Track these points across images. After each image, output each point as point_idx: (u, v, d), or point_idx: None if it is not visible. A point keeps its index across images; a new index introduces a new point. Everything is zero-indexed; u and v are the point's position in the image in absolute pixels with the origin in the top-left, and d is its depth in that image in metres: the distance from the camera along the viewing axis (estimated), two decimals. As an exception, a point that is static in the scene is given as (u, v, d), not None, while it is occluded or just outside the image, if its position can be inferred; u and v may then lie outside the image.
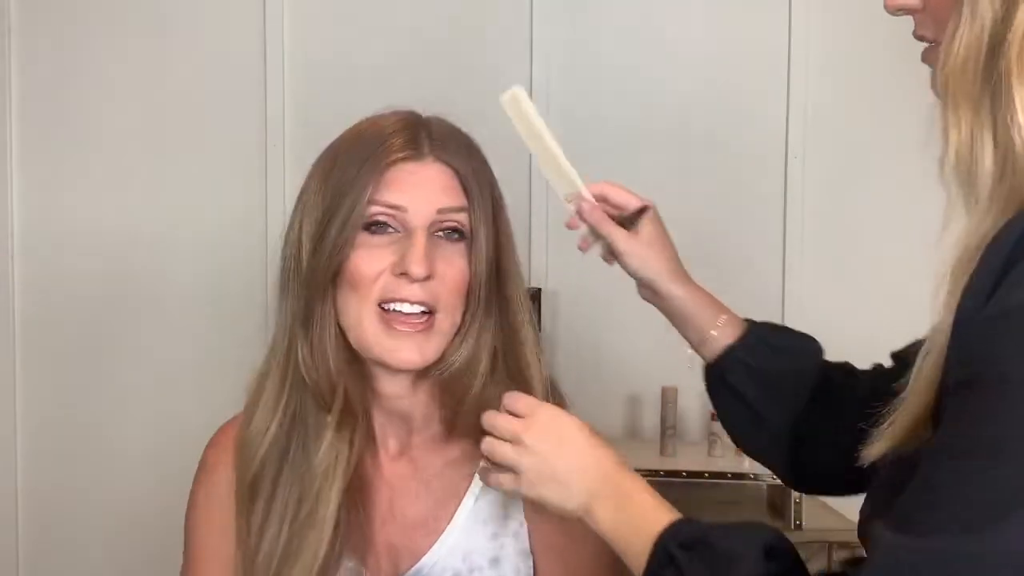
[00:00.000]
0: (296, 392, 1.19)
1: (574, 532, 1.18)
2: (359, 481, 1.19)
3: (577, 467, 1.03)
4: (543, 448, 1.04)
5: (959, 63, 0.82)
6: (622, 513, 1.00)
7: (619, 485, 1.01)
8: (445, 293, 1.13)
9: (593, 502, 1.01)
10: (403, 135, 1.15)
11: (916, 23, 0.92)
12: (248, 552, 1.19)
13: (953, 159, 0.83)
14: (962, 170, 0.82)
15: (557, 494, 1.03)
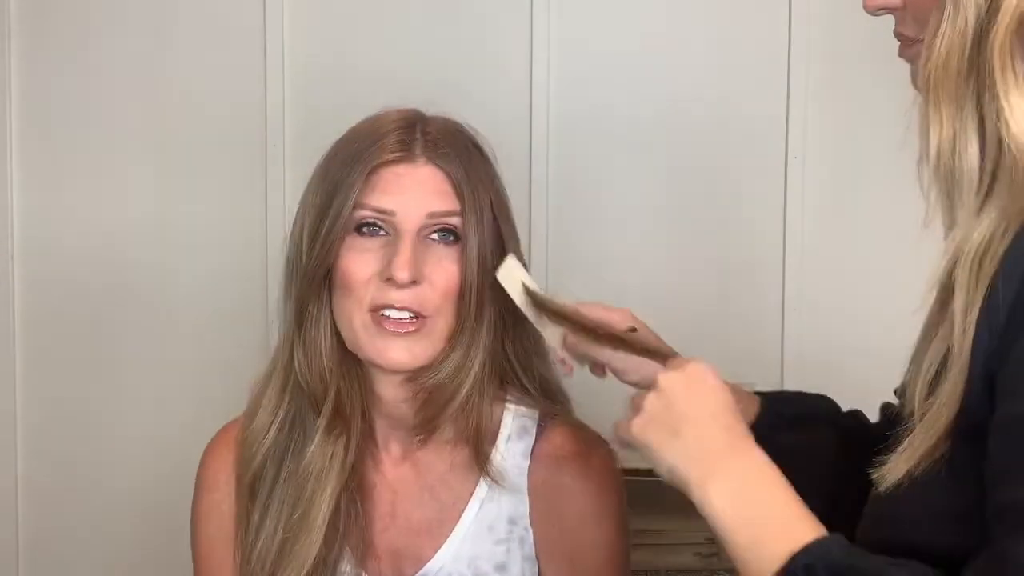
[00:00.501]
0: (296, 393, 1.18)
1: (583, 539, 1.18)
2: (360, 484, 1.18)
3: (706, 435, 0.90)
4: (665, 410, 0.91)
5: (942, 60, 0.81)
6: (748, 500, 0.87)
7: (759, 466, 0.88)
8: (435, 297, 1.12)
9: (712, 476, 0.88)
10: (396, 135, 1.14)
11: (897, 21, 0.91)
12: (244, 552, 1.19)
13: (935, 158, 0.82)
14: (944, 169, 0.82)
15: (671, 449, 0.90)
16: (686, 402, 0.92)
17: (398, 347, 1.12)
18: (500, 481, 1.17)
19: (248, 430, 1.21)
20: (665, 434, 0.91)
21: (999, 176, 0.80)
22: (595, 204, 2.07)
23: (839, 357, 1.97)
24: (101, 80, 2.20)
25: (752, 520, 0.85)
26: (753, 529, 0.85)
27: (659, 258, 2.07)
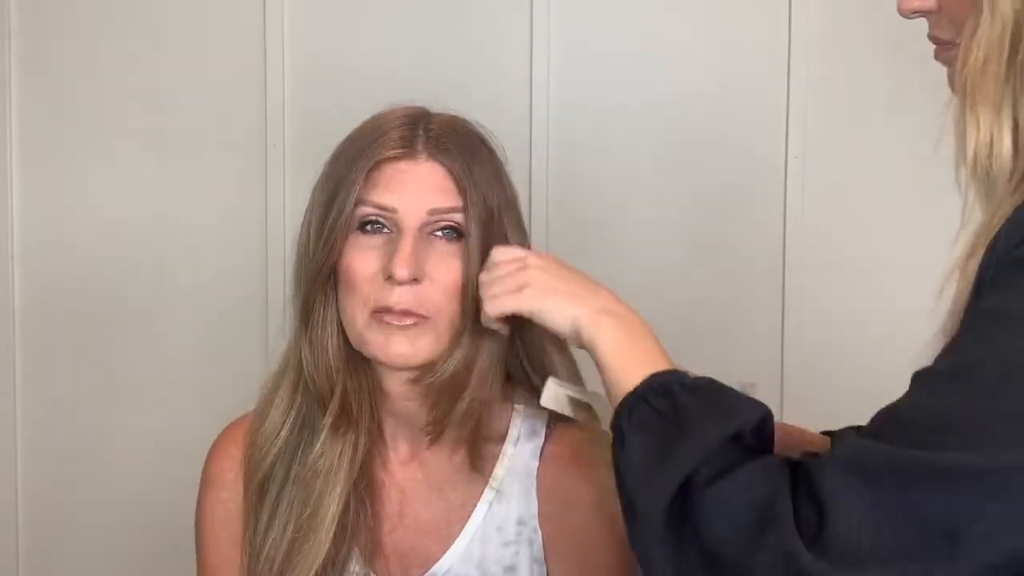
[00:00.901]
0: (305, 393, 1.18)
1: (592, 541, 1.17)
2: (368, 484, 1.18)
3: (584, 283, 1.03)
4: (550, 264, 1.04)
5: (979, 64, 0.83)
6: (625, 333, 0.98)
7: (627, 313, 1.01)
8: (436, 296, 1.12)
9: (599, 316, 0.99)
10: (399, 132, 1.13)
11: (931, 24, 0.93)
12: (253, 552, 1.18)
13: (972, 160, 0.83)
14: (981, 171, 0.83)
15: (563, 303, 1.01)
16: (562, 268, 1.05)
17: (400, 340, 1.11)
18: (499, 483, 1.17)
19: (259, 430, 1.20)
20: (559, 294, 1.02)
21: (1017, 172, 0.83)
22: (595, 204, 2.07)
23: (839, 357, 1.98)
24: (101, 80, 2.20)
25: (628, 344, 0.97)
26: (629, 361, 0.96)
27: (659, 257, 2.07)
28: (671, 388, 0.91)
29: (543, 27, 2.11)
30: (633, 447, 0.89)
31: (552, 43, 2.11)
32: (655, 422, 0.89)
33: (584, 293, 1.02)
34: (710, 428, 0.86)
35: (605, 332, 0.99)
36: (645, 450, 0.88)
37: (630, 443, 0.90)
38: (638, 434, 0.90)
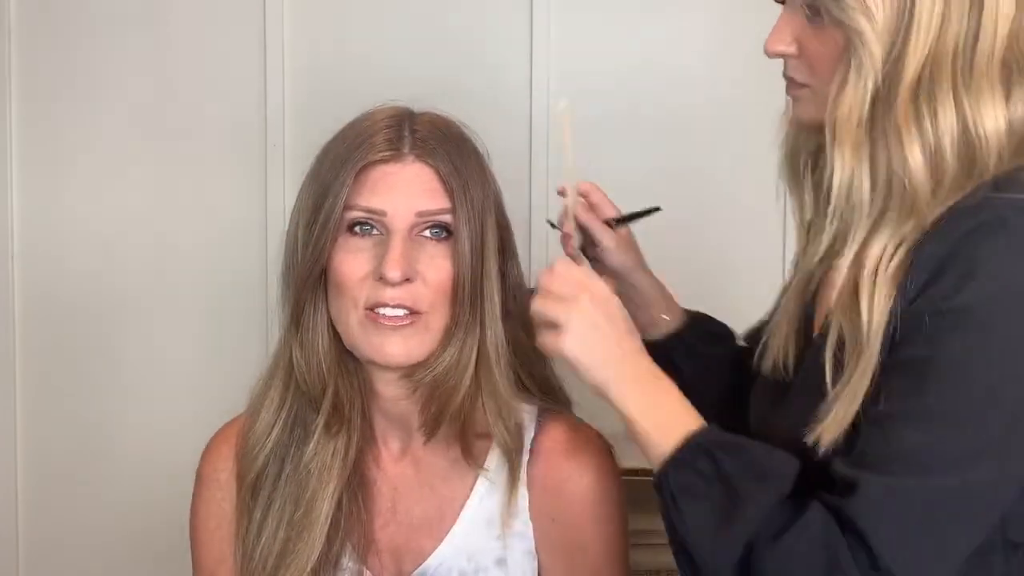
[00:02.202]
0: (297, 393, 1.19)
1: (583, 533, 1.18)
2: (360, 482, 1.19)
3: (619, 344, 1.08)
4: (594, 314, 1.07)
5: (845, 113, 0.99)
6: (652, 398, 1.06)
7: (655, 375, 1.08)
8: (428, 294, 1.13)
9: (626, 382, 1.06)
10: (385, 134, 1.14)
11: (789, 67, 1.07)
12: (246, 551, 1.19)
13: (837, 189, 1.00)
14: (842, 199, 1.00)
15: (595, 359, 1.06)
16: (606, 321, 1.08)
17: (394, 342, 1.12)
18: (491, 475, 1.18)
19: (251, 431, 1.21)
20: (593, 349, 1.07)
21: (890, 206, 0.98)
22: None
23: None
24: (101, 80, 2.20)
25: (657, 411, 1.05)
26: (658, 421, 1.04)
27: (659, 256, 2.06)
28: (710, 451, 1.01)
29: (543, 27, 2.11)
30: (689, 511, 0.99)
31: (552, 43, 2.12)
32: (701, 485, 0.99)
33: (614, 359, 1.07)
34: (763, 491, 0.97)
35: (631, 400, 1.06)
36: (703, 513, 0.98)
37: (685, 507, 0.99)
38: (690, 497, 0.99)
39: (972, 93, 0.98)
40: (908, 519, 0.93)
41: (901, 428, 0.95)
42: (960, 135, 0.98)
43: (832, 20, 1.00)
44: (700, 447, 1.01)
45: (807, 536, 0.94)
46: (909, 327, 0.96)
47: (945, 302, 0.94)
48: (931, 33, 0.97)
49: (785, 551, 0.95)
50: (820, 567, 0.94)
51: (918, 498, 0.93)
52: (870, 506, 0.93)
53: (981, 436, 0.93)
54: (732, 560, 0.96)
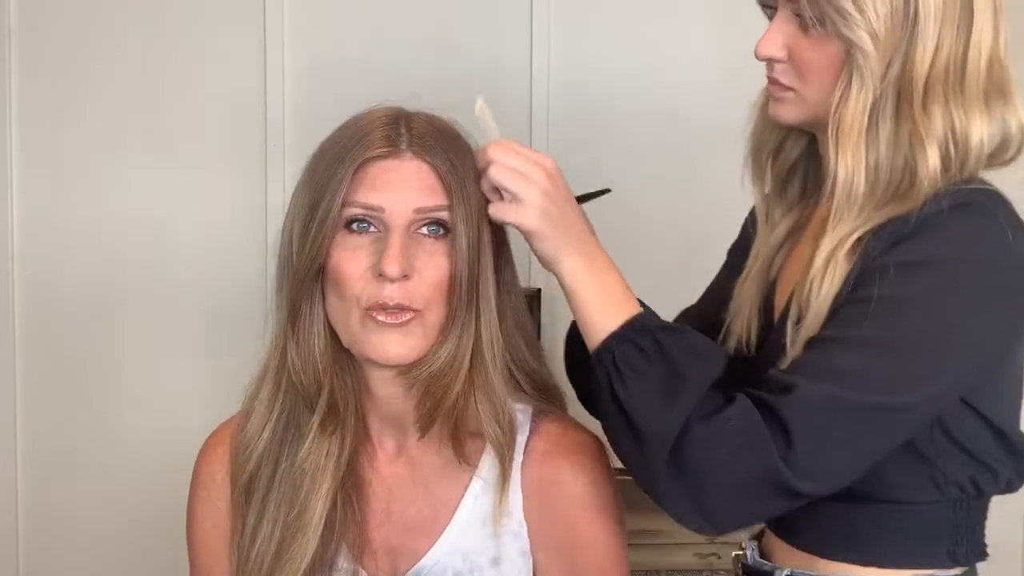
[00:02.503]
0: (290, 393, 1.19)
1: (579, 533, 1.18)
2: (355, 482, 1.19)
3: (575, 220, 1.15)
4: (553, 189, 1.13)
5: (847, 120, 1.09)
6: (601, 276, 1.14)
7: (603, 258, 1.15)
8: (426, 291, 1.13)
9: (579, 256, 1.13)
10: (382, 132, 1.14)
11: (776, 70, 1.16)
12: (241, 552, 1.19)
13: (840, 189, 1.10)
14: (843, 196, 1.10)
15: (554, 231, 1.13)
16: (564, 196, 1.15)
17: (393, 340, 1.13)
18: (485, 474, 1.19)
19: (243, 431, 1.21)
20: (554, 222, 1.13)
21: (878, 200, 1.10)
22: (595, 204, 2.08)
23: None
24: (101, 80, 2.20)
25: (603, 289, 1.13)
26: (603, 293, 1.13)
27: (659, 257, 2.07)
28: (651, 331, 1.11)
29: (543, 27, 2.11)
30: (635, 384, 1.09)
31: (552, 43, 2.12)
32: (645, 361, 1.10)
33: (572, 234, 1.14)
34: (701, 372, 1.09)
35: (581, 275, 1.13)
36: (649, 388, 1.09)
37: (630, 380, 1.09)
38: (634, 372, 1.09)
39: (962, 108, 1.10)
40: (830, 423, 1.05)
41: (840, 351, 1.07)
42: (948, 144, 1.10)
43: (835, 33, 1.09)
44: (644, 326, 1.11)
45: (737, 416, 1.06)
46: (865, 278, 1.08)
47: (904, 256, 1.07)
48: (928, 53, 1.08)
49: (716, 428, 1.06)
50: (745, 444, 1.05)
51: (842, 407, 1.05)
52: (800, 405, 1.05)
53: (906, 369, 1.06)
54: (673, 434, 1.06)
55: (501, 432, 1.17)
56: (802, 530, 1.19)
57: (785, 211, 1.26)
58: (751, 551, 1.28)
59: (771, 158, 1.25)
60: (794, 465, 1.04)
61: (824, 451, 1.06)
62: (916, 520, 1.15)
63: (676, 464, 1.06)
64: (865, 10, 1.07)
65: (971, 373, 1.10)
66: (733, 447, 1.06)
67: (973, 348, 1.09)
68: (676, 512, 1.09)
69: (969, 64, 1.10)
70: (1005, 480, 1.16)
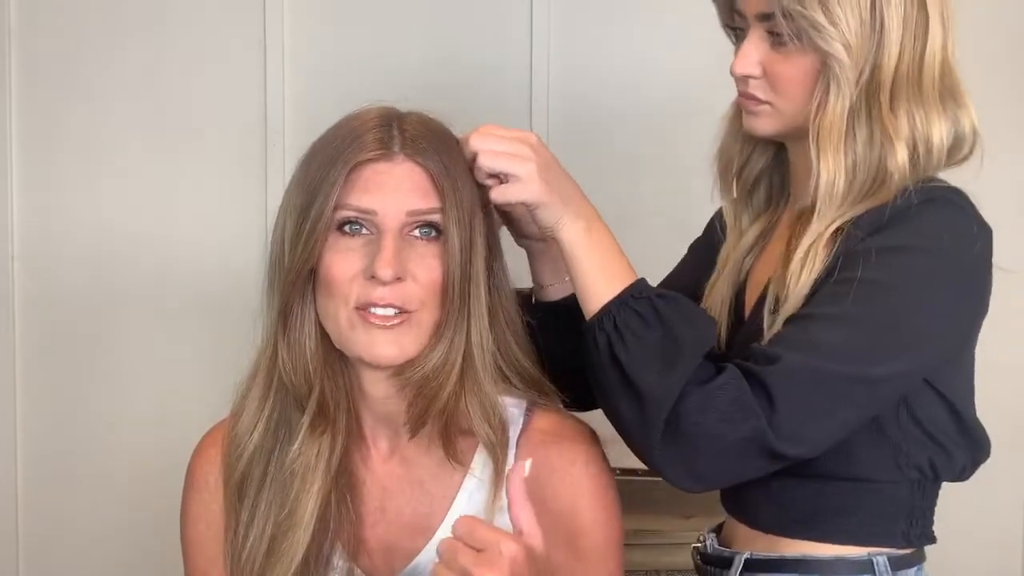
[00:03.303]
0: (281, 393, 1.19)
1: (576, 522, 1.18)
2: (349, 481, 1.19)
3: (571, 188, 1.20)
4: (545, 159, 1.18)
5: (827, 126, 1.17)
6: (599, 243, 1.19)
7: (600, 224, 1.21)
8: (419, 293, 1.13)
9: (579, 221, 1.18)
10: (375, 134, 1.14)
11: (751, 86, 1.23)
12: (234, 552, 1.19)
13: (823, 189, 1.18)
14: (826, 196, 1.18)
15: (554, 199, 1.17)
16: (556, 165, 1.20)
17: (385, 341, 1.13)
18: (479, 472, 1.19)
19: (233, 432, 1.21)
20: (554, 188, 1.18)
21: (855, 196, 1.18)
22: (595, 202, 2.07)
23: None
24: (101, 80, 2.20)
25: (602, 256, 1.19)
26: (602, 259, 1.18)
27: (660, 259, 2.06)
28: (650, 297, 1.16)
29: (543, 27, 2.11)
30: (636, 348, 1.14)
31: (552, 44, 2.12)
32: (644, 327, 1.15)
33: (572, 200, 1.19)
34: (697, 341, 1.15)
35: (581, 240, 1.18)
36: (649, 352, 1.14)
37: (632, 343, 1.14)
38: (635, 336, 1.14)
39: (922, 109, 1.19)
40: (811, 391, 1.13)
41: (821, 326, 1.15)
42: (915, 142, 1.19)
43: (811, 46, 1.17)
44: (642, 293, 1.17)
45: (728, 384, 1.13)
46: (846, 263, 1.15)
47: (881, 243, 1.15)
48: (892, 59, 1.17)
49: (709, 394, 1.12)
50: (735, 410, 1.12)
51: (822, 378, 1.13)
52: (784, 375, 1.12)
53: (881, 344, 1.14)
54: (672, 398, 1.11)
55: (492, 432, 1.17)
56: (764, 511, 1.26)
57: (752, 218, 1.35)
58: (710, 541, 1.34)
59: (737, 169, 1.36)
60: (778, 429, 1.11)
61: (805, 418, 1.13)
62: (876, 498, 1.22)
63: (671, 427, 1.12)
64: (838, 23, 1.15)
65: (938, 352, 1.19)
66: (724, 413, 1.12)
67: (941, 329, 1.18)
68: (666, 472, 1.15)
69: (925, 69, 1.19)
70: (960, 466, 1.24)
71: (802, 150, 1.25)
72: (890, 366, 1.15)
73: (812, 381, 1.13)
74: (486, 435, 1.16)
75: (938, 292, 1.16)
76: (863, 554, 1.22)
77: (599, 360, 1.16)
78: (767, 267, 1.29)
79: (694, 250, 1.50)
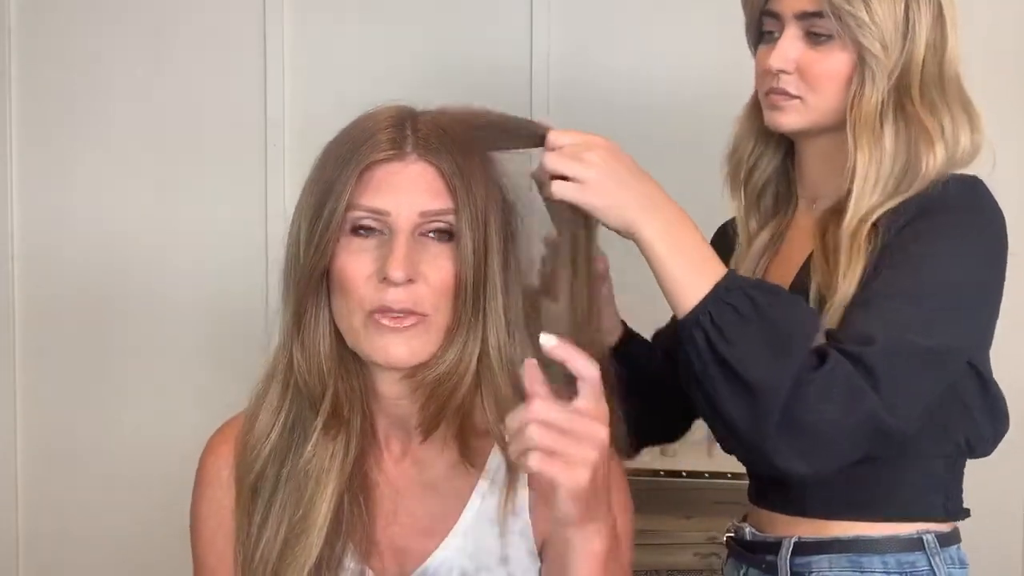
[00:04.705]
0: (297, 394, 1.18)
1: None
2: (363, 483, 1.18)
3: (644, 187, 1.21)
4: (614, 163, 1.19)
5: (864, 117, 1.25)
6: (682, 240, 1.19)
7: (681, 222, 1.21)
8: (431, 295, 1.12)
9: (655, 223, 1.19)
10: (387, 134, 1.13)
11: (784, 81, 1.28)
12: (247, 553, 1.19)
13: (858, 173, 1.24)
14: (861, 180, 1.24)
15: (621, 201, 1.18)
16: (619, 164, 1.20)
17: (397, 343, 1.12)
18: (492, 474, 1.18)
19: (250, 432, 1.20)
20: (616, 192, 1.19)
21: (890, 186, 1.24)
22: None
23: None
24: (101, 80, 2.20)
25: (686, 254, 1.19)
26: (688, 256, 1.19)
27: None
28: (745, 289, 1.17)
29: (543, 27, 2.11)
30: (741, 340, 1.15)
31: (552, 42, 2.12)
32: (739, 319, 1.15)
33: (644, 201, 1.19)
34: (803, 327, 1.17)
35: (662, 240, 1.18)
36: (756, 343, 1.15)
37: (735, 337, 1.15)
38: (738, 329, 1.15)
39: (948, 112, 1.27)
40: (911, 367, 1.17)
41: (898, 304, 1.19)
42: (947, 139, 1.26)
43: (851, 40, 1.25)
44: (735, 285, 1.18)
45: (838, 368, 1.15)
46: (894, 246, 1.21)
47: (928, 222, 1.22)
48: (918, 64, 1.26)
49: (825, 380, 1.14)
50: (849, 393, 1.15)
51: (918, 352, 1.18)
52: (884, 353, 1.16)
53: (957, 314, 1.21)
54: (786, 387, 1.13)
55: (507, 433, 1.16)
56: (812, 497, 1.29)
57: (761, 224, 1.40)
58: (749, 528, 1.36)
59: (747, 170, 1.41)
60: (887, 407, 1.15)
61: (908, 394, 1.18)
62: (918, 475, 1.29)
63: (788, 415, 1.14)
64: (877, 21, 1.24)
65: (993, 320, 1.27)
66: (840, 397, 1.14)
67: (994, 298, 1.26)
68: (778, 460, 1.16)
69: (945, 73, 1.28)
70: (988, 439, 1.31)
71: (818, 149, 1.32)
72: (966, 333, 1.23)
73: (910, 356, 1.17)
74: (501, 434, 1.16)
75: (988, 264, 1.24)
76: (912, 532, 1.28)
77: (700, 359, 1.17)
78: (783, 270, 1.34)
79: None
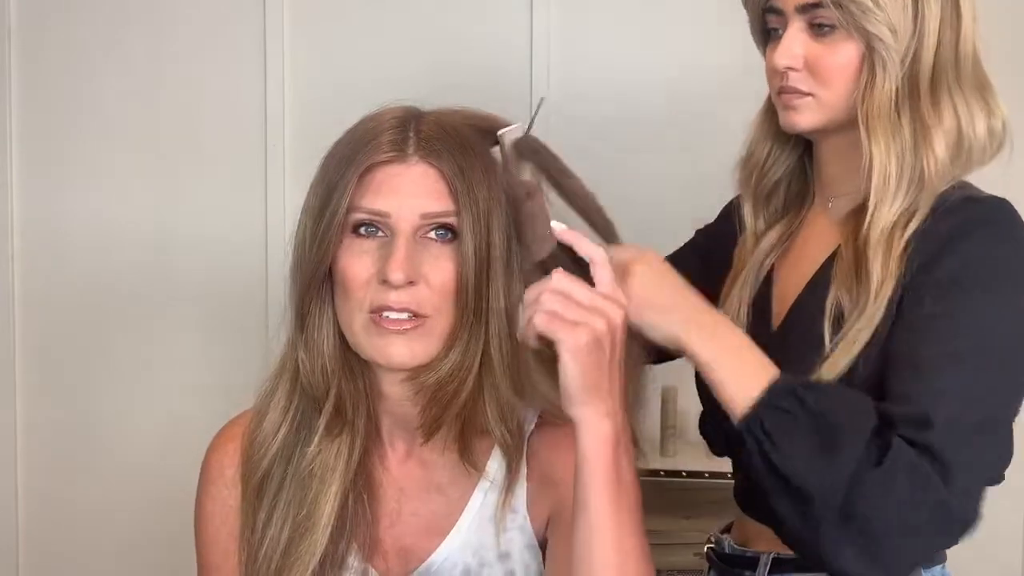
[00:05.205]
0: (303, 394, 1.18)
1: None
2: (367, 482, 1.19)
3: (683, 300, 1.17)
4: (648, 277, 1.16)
5: (875, 108, 1.19)
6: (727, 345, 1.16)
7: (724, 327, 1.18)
8: (432, 297, 1.12)
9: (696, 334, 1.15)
10: (390, 135, 1.13)
11: (793, 79, 1.23)
12: (250, 551, 1.19)
13: (875, 168, 1.19)
14: (879, 176, 1.19)
15: (660, 323, 1.16)
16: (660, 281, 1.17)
17: (398, 345, 1.12)
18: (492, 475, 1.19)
19: (257, 431, 1.20)
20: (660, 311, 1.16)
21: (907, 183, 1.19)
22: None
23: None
24: (101, 80, 2.20)
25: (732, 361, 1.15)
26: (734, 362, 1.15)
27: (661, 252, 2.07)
28: (794, 391, 1.13)
29: (543, 27, 2.11)
30: (791, 447, 1.11)
31: (552, 43, 2.12)
32: (794, 423, 1.11)
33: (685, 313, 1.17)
34: (856, 423, 1.11)
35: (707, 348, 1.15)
36: (806, 447, 1.10)
37: (784, 444, 1.11)
38: (787, 435, 1.11)
39: (964, 100, 1.21)
40: (976, 443, 1.12)
41: (942, 374, 1.12)
42: (958, 134, 1.20)
43: (858, 31, 1.19)
44: (784, 388, 1.13)
45: (902, 462, 1.09)
46: (912, 297, 1.16)
47: (947, 273, 1.15)
48: (931, 49, 1.20)
49: (888, 474, 1.08)
50: (916, 485, 1.08)
51: (980, 425, 1.12)
52: (947, 434, 1.09)
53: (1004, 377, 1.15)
54: (842, 487, 1.08)
55: (509, 435, 1.16)
56: None
57: (768, 224, 1.35)
58: (727, 541, 1.33)
59: (758, 174, 1.36)
60: (957, 495, 1.10)
61: (976, 472, 1.13)
62: None
63: (846, 517, 1.09)
64: (882, 3, 1.18)
65: None
66: (906, 490, 1.09)
67: None
68: (841, 564, 1.11)
69: (960, 59, 1.21)
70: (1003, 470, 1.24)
71: (835, 146, 1.26)
72: (1017, 394, 1.17)
73: (972, 432, 1.12)
74: (501, 436, 1.16)
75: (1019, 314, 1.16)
76: None
77: (755, 466, 1.14)
78: (796, 270, 1.29)
79: (705, 235, 1.51)
